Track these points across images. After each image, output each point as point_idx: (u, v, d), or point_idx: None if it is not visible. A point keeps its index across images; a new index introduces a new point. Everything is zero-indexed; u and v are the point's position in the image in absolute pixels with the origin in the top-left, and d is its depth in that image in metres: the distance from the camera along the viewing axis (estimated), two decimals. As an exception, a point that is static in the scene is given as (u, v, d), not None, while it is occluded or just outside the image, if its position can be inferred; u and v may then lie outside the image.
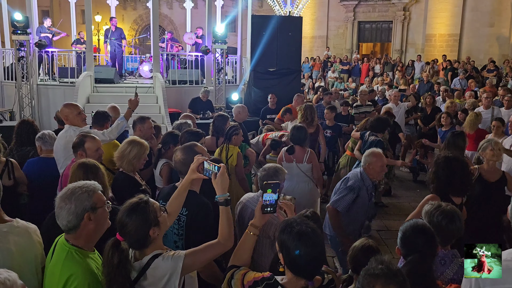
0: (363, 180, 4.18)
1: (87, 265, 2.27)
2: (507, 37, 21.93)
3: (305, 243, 2.06)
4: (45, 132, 4.82)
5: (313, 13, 25.31)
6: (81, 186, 2.34)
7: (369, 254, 2.95)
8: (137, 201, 2.32)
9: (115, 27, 13.72)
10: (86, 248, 2.33)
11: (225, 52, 11.66)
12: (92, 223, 2.31)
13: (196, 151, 3.12)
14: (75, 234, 2.30)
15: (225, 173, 2.50)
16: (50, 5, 26.89)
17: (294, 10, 16.63)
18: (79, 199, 2.28)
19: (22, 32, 10.07)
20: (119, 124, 4.83)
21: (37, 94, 11.09)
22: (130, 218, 2.26)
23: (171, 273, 2.25)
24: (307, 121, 6.49)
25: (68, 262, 2.24)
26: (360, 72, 20.94)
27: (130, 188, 3.59)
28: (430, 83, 15.60)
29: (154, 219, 2.31)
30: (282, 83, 11.33)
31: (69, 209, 2.26)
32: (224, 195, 2.48)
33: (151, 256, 2.29)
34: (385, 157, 4.49)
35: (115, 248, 2.22)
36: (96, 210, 2.32)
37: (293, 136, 5.32)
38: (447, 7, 22.53)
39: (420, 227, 2.50)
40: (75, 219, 2.26)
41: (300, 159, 5.21)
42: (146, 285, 2.27)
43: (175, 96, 11.68)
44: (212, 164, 2.52)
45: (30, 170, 4.55)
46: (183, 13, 21.96)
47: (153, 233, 2.29)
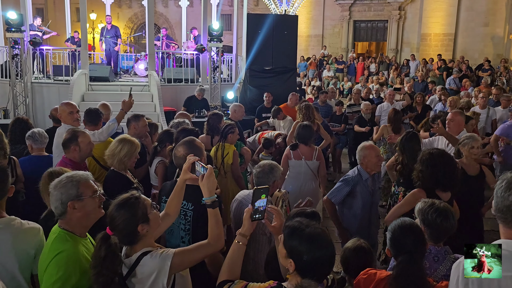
0: (360, 175, 4.18)
1: (77, 246, 2.35)
2: (501, 36, 22.04)
3: (319, 245, 1.97)
4: (35, 131, 4.78)
5: (308, 12, 25.32)
6: (69, 176, 2.44)
7: (360, 255, 2.95)
8: (128, 197, 2.34)
9: (110, 25, 13.66)
10: (77, 234, 2.41)
11: (221, 50, 11.62)
12: (77, 211, 2.37)
13: (198, 146, 3.16)
14: (65, 220, 2.40)
15: (212, 175, 2.45)
16: (44, 3, 26.78)
17: (290, 9, 16.59)
18: (64, 187, 2.37)
19: (16, 30, 10.00)
20: (109, 126, 4.80)
21: (31, 92, 11.02)
22: (119, 213, 2.28)
23: (158, 271, 2.24)
24: (309, 120, 6.47)
25: (57, 241, 2.33)
26: (355, 71, 20.98)
27: (121, 186, 3.57)
28: (425, 82, 15.65)
29: (143, 216, 2.30)
30: (278, 81, 11.32)
31: (56, 196, 2.37)
32: (211, 198, 2.44)
33: (140, 254, 2.29)
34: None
35: (103, 242, 2.21)
36: (82, 199, 2.38)
37: (299, 135, 5.36)
38: (442, 6, 22.61)
39: (408, 226, 2.49)
40: (61, 207, 2.36)
41: (309, 156, 5.26)
42: (135, 282, 2.27)
43: (170, 95, 11.63)
44: (201, 165, 2.48)
45: (22, 168, 4.51)
46: (178, 11, 21.93)
47: (141, 229, 2.28)
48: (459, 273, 1.82)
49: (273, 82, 11.20)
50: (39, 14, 14.94)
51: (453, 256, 2.72)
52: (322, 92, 10.33)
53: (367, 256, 2.99)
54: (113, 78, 12.43)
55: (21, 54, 10.40)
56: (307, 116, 6.53)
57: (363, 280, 2.51)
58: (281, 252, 2.09)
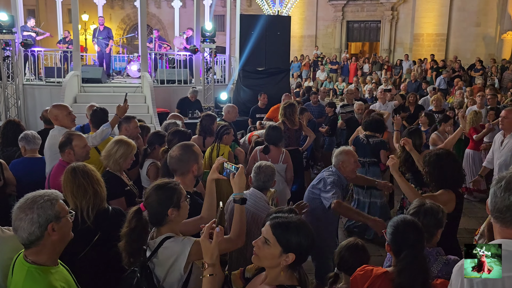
0: (340, 178, 4.10)
1: (50, 284, 2.09)
2: (493, 36, 22.20)
3: (309, 233, 2.06)
4: (28, 133, 4.75)
5: (301, 12, 25.35)
6: (42, 195, 2.16)
7: (355, 252, 3.00)
8: (169, 181, 2.54)
9: (103, 26, 13.60)
10: (48, 263, 2.15)
11: (214, 51, 11.60)
12: (56, 234, 2.13)
13: (195, 151, 3.19)
14: (37, 248, 2.11)
15: (243, 173, 2.63)
16: (36, 4, 26.63)
17: (283, 10, 16.60)
18: (42, 208, 2.10)
19: (7, 31, 9.92)
20: (104, 131, 4.77)
21: (23, 94, 10.92)
22: (156, 192, 2.46)
23: (178, 255, 2.35)
24: (288, 120, 6.43)
25: (29, 283, 2.06)
26: (348, 72, 21.03)
27: (115, 187, 3.55)
28: (418, 82, 15.73)
29: (176, 201, 2.46)
30: (271, 82, 11.32)
31: (31, 219, 2.07)
32: (240, 194, 2.59)
33: (165, 237, 2.42)
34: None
35: (136, 214, 2.42)
36: (60, 220, 2.16)
37: (268, 136, 5.31)
38: (435, 6, 22.73)
39: (411, 222, 2.50)
40: (38, 230, 2.08)
41: (276, 159, 5.21)
42: (156, 263, 2.41)
43: (163, 96, 11.59)
44: (231, 165, 2.68)
45: (15, 170, 4.47)
46: (171, 12, 21.86)
47: (171, 213, 2.44)
48: (462, 276, 1.81)
49: (266, 83, 11.21)
50: (30, 15, 14.79)
51: (445, 257, 2.73)
52: (313, 92, 10.36)
53: (362, 254, 3.07)
54: (106, 79, 12.38)
55: (12, 56, 10.31)
56: (287, 115, 6.46)
57: (359, 276, 2.52)
58: (271, 252, 2.03)
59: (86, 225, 2.80)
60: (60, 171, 3.68)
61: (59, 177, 3.17)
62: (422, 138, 5.25)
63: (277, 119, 7.81)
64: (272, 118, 8.10)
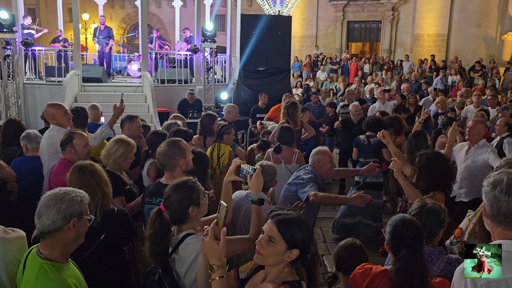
0: (316, 177, 4.15)
1: (62, 280, 2.12)
2: (494, 37, 22.20)
3: (308, 228, 2.12)
4: (30, 131, 4.76)
5: (302, 12, 25.35)
6: (74, 190, 2.28)
7: (353, 252, 3.01)
8: (186, 179, 2.56)
9: (103, 25, 13.59)
10: (60, 260, 2.18)
11: (214, 51, 11.60)
12: (73, 231, 2.19)
13: (181, 147, 3.21)
14: (52, 240, 2.17)
15: (260, 174, 2.62)
16: (36, 3, 26.62)
17: (284, 10, 16.62)
18: (72, 201, 2.20)
19: (8, 30, 9.92)
20: (103, 132, 4.78)
21: (23, 93, 10.92)
22: (176, 192, 2.48)
23: (198, 252, 2.33)
24: (291, 119, 6.42)
25: (41, 279, 2.09)
26: (349, 72, 21.02)
27: (115, 186, 3.55)
28: (418, 82, 15.71)
29: (196, 199, 2.49)
30: (272, 82, 11.33)
31: (59, 208, 2.15)
32: (258, 195, 2.58)
33: (186, 233, 2.45)
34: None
35: (158, 215, 2.45)
36: (82, 219, 2.24)
37: (280, 136, 5.28)
38: (435, 7, 22.73)
39: (409, 221, 2.51)
40: (61, 221, 2.14)
41: (289, 159, 5.16)
42: (176, 260, 2.43)
43: (164, 96, 11.58)
44: (248, 166, 2.68)
45: (16, 169, 4.47)
46: (171, 11, 21.85)
47: (192, 211, 2.46)
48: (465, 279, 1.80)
49: (266, 83, 11.22)
50: (30, 15, 14.78)
51: (446, 256, 2.74)
52: (314, 92, 10.37)
53: (361, 253, 3.09)
54: (106, 79, 12.37)
55: (13, 55, 10.31)
56: (289, 114, 6.46)
57: (359, 274, 2.54)
58: (276, 249, 2.04)
59: (92, 226, 2.80)
60: (62, 169, 3.69)
61: (61, 175, 3.17)
62: (428, 141, 5.22)
63: (278, 119, 7.83)
64: (273, 118, 8.11)
